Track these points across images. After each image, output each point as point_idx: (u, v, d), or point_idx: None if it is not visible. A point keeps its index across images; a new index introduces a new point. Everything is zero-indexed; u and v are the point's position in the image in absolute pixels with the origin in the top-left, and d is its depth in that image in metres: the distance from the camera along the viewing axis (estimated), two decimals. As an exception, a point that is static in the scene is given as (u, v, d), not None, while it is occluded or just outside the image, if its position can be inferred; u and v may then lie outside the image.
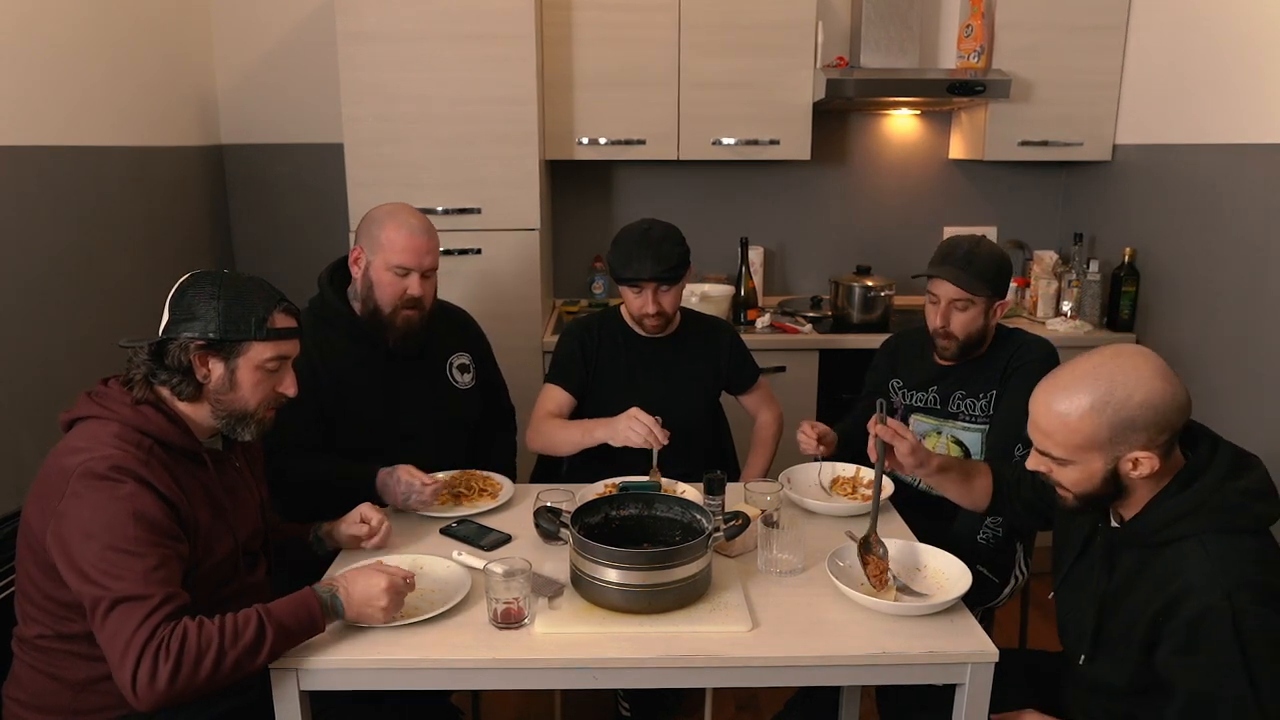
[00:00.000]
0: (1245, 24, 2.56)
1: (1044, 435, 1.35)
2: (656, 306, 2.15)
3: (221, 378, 1.47)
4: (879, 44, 3.13)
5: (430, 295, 2.05)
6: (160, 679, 1.22)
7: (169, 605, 1.27)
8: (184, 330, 1.44)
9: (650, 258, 2.10)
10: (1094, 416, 1.28)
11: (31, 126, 2.23)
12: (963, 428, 2.13)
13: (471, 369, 2.23)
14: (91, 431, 1.40)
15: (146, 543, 1.31)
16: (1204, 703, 1.25)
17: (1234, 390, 2.59)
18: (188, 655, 1.24)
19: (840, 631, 1.43)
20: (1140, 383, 1.27)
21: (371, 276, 2.00)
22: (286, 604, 1.36)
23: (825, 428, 2.08)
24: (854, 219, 3.57)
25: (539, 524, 1.61)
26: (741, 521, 1.58)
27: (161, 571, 1.30)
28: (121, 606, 1.25)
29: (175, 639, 1.24)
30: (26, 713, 1.44)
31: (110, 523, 1.30)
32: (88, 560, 1.28)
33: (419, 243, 1.99)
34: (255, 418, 1.52)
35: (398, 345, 2.04)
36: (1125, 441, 1.29)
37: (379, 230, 2.00)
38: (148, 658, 1.22)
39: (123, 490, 1.33)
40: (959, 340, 2.05)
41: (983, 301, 2.02)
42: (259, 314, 1.47)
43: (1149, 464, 1.30)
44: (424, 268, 2.00)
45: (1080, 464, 1.33)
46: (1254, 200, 2.54)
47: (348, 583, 1.41)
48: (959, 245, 2.05)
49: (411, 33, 2.74)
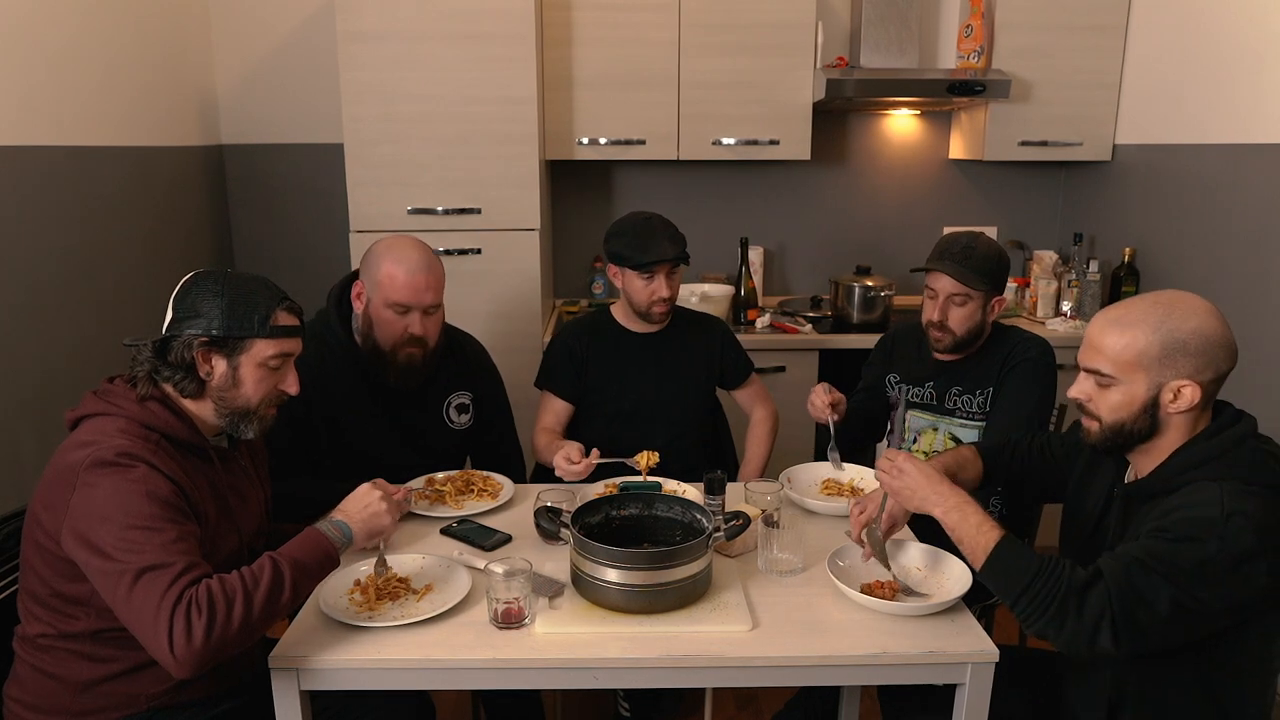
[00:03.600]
0: (1245, 24, 2.56)
1: (1095, 351, 1.39)
2: (670, 290, 2.17)
3: (224, 375, 1.47)
4: (879, 44, 3.13)
5: (434, 333, 1.98)
6: (196, 636, 1.22)
7: (192, 571, 1.27)
8: (187, 328, 1.44)
9: (666, 239, 2.15)
10: (1149, 332, 1.34)
11: (32, 126, 2.24)
12: (960, 424, 2.13)
13: (470, 410, 2.18)
14: (98, 426, 1.40)
15: (163, 519, 1.31)
16: (1146, 568, 1.26)
17: (1234, 390, 2.58)
18: (218, 607, 1.24)
19: (840, 631, 1.43)
20: (1195, 313, 1.34)
21: (372, 314, 1.94)
22: (294, 543, 1.39)
23: (840, 395, 2.08)
24: (854, 219, 3.57)
25: (539, 524, 1.61)
26: (741, 521, 1.57)
27: (180, 544, 1.30)
28: (146, 576, 1.25)
29: (202, 595, 1.25)
30: (27, 713, 1.44)
31: (125, 504, 1.30)
32: (107, 541, 1.28)
33: (418, 280, 1.91)
34: (257, 415, 1.52)
35: (398, 382, 2.00)
36: (1173, 366, 1.33)
37: (377, 267, 1.93)
38: (179, 618, 1.23)
39: (134, 473, 1.33)
40: (955, 335, 2.05)
41: (980, 296, 2.02)
42: (262, 312, 1.47)
43: (1189, 396, 1.33)
44: (424, 305, 1.93)
45: (1125, 385, 1.36)
46: (1254, 200, 2.54)
47: (340, 508, 1.48)
48: (957, 240, 2.06)
49: (411, 33, 2.74)
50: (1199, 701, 1.37)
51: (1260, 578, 1.24)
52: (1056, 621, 1.28)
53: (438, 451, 2.12)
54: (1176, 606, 1.24)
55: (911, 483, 1.48)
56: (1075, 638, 1.27)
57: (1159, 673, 1.38)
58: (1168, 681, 1.38)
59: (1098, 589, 1.26)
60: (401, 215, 2.84)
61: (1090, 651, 1.27)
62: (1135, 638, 1.25)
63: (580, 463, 1.93)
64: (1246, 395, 2.55)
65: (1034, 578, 1.30)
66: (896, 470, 1.51)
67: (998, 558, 1.35)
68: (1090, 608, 1.26)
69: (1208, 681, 1.36)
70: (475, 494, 1.95)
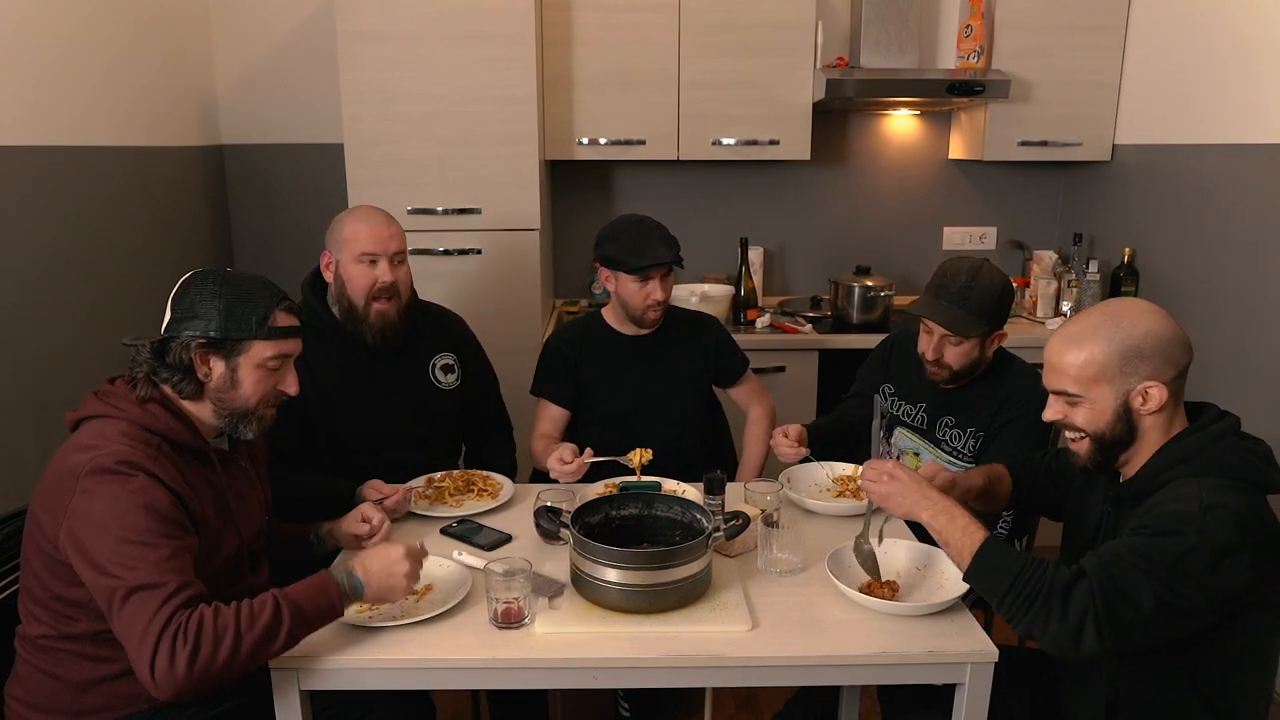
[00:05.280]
0: (1244, 25, 2.56)
1: (1058, 373, 1.43)
2: (664, 293, 2.17)
3: (222, 376, 1.47)
4: (879, 44, 3.13)
5: (404, 284, 2.06)
6: (179, 664, 1.21)
7: (184, 592, 1.27)
8: (185, 329, 1.44)
9: (662, 242, 2.13)
10: (1104, 345, 1.38)
11: (32, 127, 2.24)
12: (947, 460, 2.06)
13: (456, 369, 2.22)
14: (99, 430, 1.40)
15: (159, 534, 1.31)
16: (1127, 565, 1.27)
17: (1233, 389, 2.59)
18: (205, 639, 1.23)
19: (840, 631, 1.43)
20: (1142, 317, 1.38)
21: (343, 274, 2.02)
22: (304, 588, 1.35)
23: (798, 428, 2.05)
24: (853, 219, 3.57)
25: (539, 524, 1.61)
26: (741, 521, 1.58)
27: (175, 561, 1.30)
28: (137, 595, 1.25)
29: (192, 624, 1.23)
30: (28, 712, 1.44)
31: (122, 515, 1.30)
32: (102, 553, 1.28)
33: (381, 230, 2.01)
34: (256, 415, 1.51)
35: (376, 341, 2.04)
36: (1135, 372, 1.37)
37: (341, 228, 2.03)
38: (165, 643, 1.22)
39: (133, 484, 1.33)
40: (952, 370, 1.98)
41: (978, 337, 1.95)
42: (260, 313, 1.47)
43: (1158, 396, 1.36)
44: (390, 252, 2.01)
45: (1093, 399, 1.40)
46: (1253, 200, 2.54)
47: (364, 559, 1.42)
48: (957, 276, 1.94)
49: (411, 33, 2.74)
50: (1194, 702, 1.37)
51: (1243, 572, 1.25)
52: (1041, 619, 1.28)
53: (431, 414, 2.15)
54: (1160, 602, 1.24)
55: (900, 488, 1.49)
56: (1060, 636, 1.27)
57: (1154, 673, 1.38)
58: (1163, 682, 1.38)
59: (1081, 587, 1.27)
60: (401, 215, 2.82)
61: (1076, 650, 1.27)
62: (1120, 635, 1.26)
63: (574, 462, 1.93)
64: (1245, 395, 2.56)
65: (1018, 576, 1.30)
66: (887, 476, 1.51)
67: (983, 558, 1.36)
68: (1074, 606, 1.26)
69: (1202, 682, 1.36)
70: (475, 494, 1.96)
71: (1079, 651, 1.27)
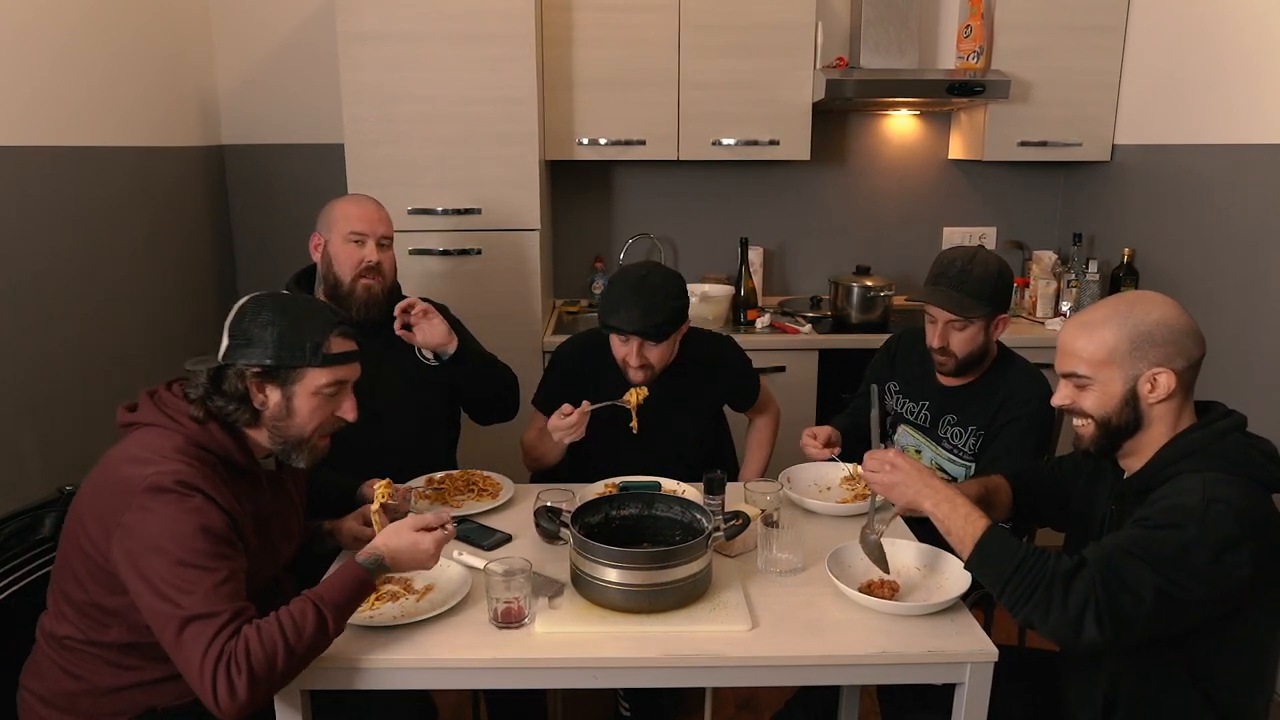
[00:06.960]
0: (1244, 25, 2.57)
1: (1069, 355, 1.43)
2: (640, 360, 1.98)
3: (278, 405, 1.45)
4: (879, 44, 3.13)
5: (389, 266, 2.13)
6: (240, 692, 1.22)
7: (238, 619, 1.27)
8: (240, 357, 1.42)
9: (638, 308, 1.92)
10: (1116, 329, 1.39)
11: (32, 127, 2.24)
12: (948, 459, 2.07)
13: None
14: (153, 441, 1.39)
15: (214, 555, 1.31)
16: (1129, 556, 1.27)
17: (1233, 389, 2.59)
18: (257, 663, 1.24)
19: (840, 631, 1.44)
20: (1157, 306, 1.40)
21: (331, 252, 2.09)
22: (335, 582, 1.35)
23: (828, 430, 2.06)
24: (853, 219, 3.58)
25: (539, 524, 1.61)
26: (741, 521, 1.58)
27: (229, 585, 1.30)
28: (191, 626, 1.25)
29: (241, 652, 1.23)
30: (43, 707, 1.44)
31: (179, 536, 1.29)
32: (158, 574, 1.28)
33: (370, 213, 2.10)
34: (309, 444, 1.50)
35: (361, 314, 2.07)
36: (1144, 356, 1.37)
37: (332, 209, 2.12)
38: (221, 676, 1.22)
39: (190, 504, 1.32)
40: (958, 358, 1.99)
41: (981, 319, 1.96)
42: (314, 339, 1.44)
43: (1166, 383, 1.37)
44: (377, 234, 2.09)
45: (1102, 382, 1.40)
46: (1252, 200, 2.54)
47: (387, 540, 1.42)
48: (954, 261, 1.98)
49: (411, 33, 2.74)
50: (1195, 701, 1.37)
51: (1244, 567, 1.25)
52: (1042, 609, 1.28)
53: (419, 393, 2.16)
54: (1160, 594, 1.25)
55: (903, 478, 1.49)
56: (1061, 625, 1.28)
57: (1155, 671, 1.39)
58: (1164, 680, 1.38)
59: (1082, 576, 1.27)
60: (401, 215, 2.84)
61: (1077, 640, 1.27)
62: (1120, 626, 1.26)
63: (573, 413, 1.91)
64: (1245, 395, 2.56)
65: (1019, 565, 1.31)
66: (889, 466, 1.51)
67: (984, 546, 1.36)
68: (1075, 595, 1.27)
69: (1203, 680, 1.36)
70: (475, 493, 1.96)
71: (1079, 641, 1.27)
